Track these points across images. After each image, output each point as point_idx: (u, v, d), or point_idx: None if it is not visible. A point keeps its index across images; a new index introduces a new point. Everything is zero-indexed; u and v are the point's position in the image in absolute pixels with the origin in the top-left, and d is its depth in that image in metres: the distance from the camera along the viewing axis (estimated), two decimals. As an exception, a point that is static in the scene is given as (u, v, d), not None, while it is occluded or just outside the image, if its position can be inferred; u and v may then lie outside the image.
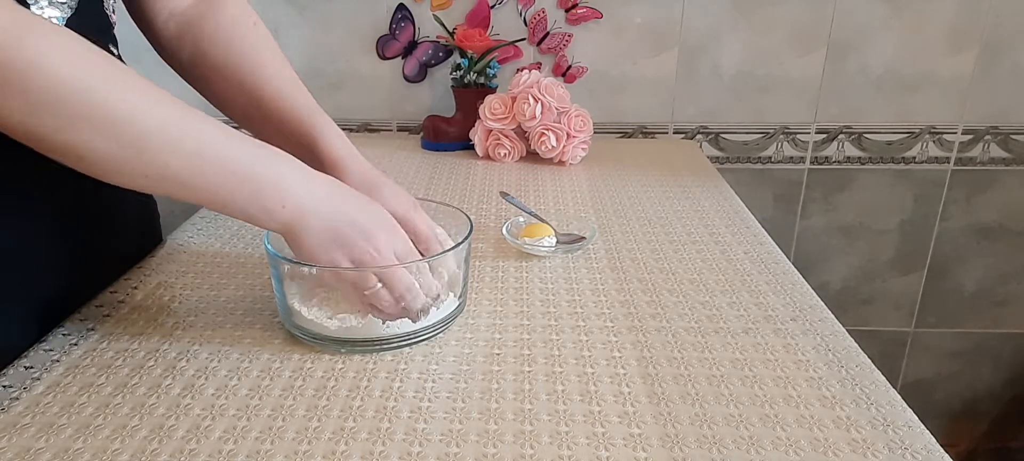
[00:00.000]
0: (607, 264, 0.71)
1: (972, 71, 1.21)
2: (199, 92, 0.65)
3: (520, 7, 1.19)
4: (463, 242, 0.57)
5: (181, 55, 0.64)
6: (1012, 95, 1.23)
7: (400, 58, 1.23)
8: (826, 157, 1.28)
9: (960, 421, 1.50)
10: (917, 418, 0.47)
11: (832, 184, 1.30)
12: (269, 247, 0.53)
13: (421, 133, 1.17)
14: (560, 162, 1.06)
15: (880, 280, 1.38)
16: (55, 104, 0.41)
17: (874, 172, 1.29)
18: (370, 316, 0.53)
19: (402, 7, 1.19)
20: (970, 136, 1.26)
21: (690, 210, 0.86)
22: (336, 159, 0.59)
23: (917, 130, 1.26)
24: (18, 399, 0.48)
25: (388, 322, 0.53)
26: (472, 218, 0.61)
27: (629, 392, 0.49)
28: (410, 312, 0.53)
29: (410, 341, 0.55)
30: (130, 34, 0.65)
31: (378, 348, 0.54)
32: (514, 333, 0.57)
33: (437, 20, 1.17)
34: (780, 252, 0.74)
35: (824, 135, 1.26)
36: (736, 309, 0.61)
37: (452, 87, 1.15)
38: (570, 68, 1.22)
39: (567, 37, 1.20)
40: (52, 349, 0.54)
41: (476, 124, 1.09)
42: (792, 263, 0.71)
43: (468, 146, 1.12)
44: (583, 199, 0.91)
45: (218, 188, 0.47)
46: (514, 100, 1.05)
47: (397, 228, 0.53)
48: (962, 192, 1.30)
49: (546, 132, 1.03)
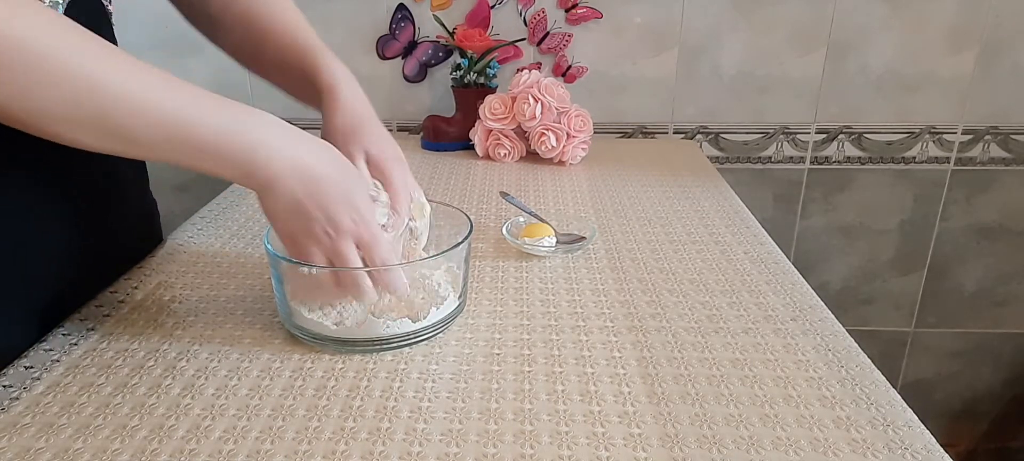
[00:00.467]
0: (607, 264, 0.71)
1: (972, 71, 1.21)
2: (213, 38, 0.67)
3: (520, 7, 1.19)
4: (463, 242, 0.57)
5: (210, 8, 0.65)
6: (1012, 95, 1.23)
7: (400, 58, 1.23)
8: (826, 157, 1.28)
9: (960, 421, 1.50)
10: (917, 418, 0.47)
11: (832, 184, 1.30)
12: (269, 247, 0.53)
13: (421, 133, 1.17)
14: (560, 162, 1.06)
15: (880, 280, 1.38)
16: (37, 72, 0.40)
17: (874, 172, 1.29)
18: (370, 316, 0.53)
19: (402, 7, 1.19)
20: (970, 136, 1.26)
21: (690, 210, 0.86)
22: (329, 86, 0.60)
23: (917, 130, 1.26)
24: (18, 399, 0.48)
25: (388, 322, 0.53)
26: (472, 218, 0.61)
27: (629, 392, 0.49)
28: (364, 294, 0.52)
29: (410, 341, 0.55)
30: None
31: (378, 348, 0.54)
32: (514, 333, 0.57)
33: (437, 20, 1.17)
34: (780, 252, 0.74)
35: (824, 135, 1.26)
36: (736, 309, 0.61)
37: (452, 87, 1.15)
38: (570, 68, 1.22)
39: (567, 37, 1.20)
40: (52, 349, 0.54)
41: (476, 124, 1.09)
42: (792, 263, 0.71)
43: (468, 146, 1.12)
44: (583, 199, 0.91)
45: (188, 159, 0.46)
46: (514, 100, 1.05)
47: (360, 200, 0.51)
48: (962, 192, 1.30)
49: (546, 132, 1.03)
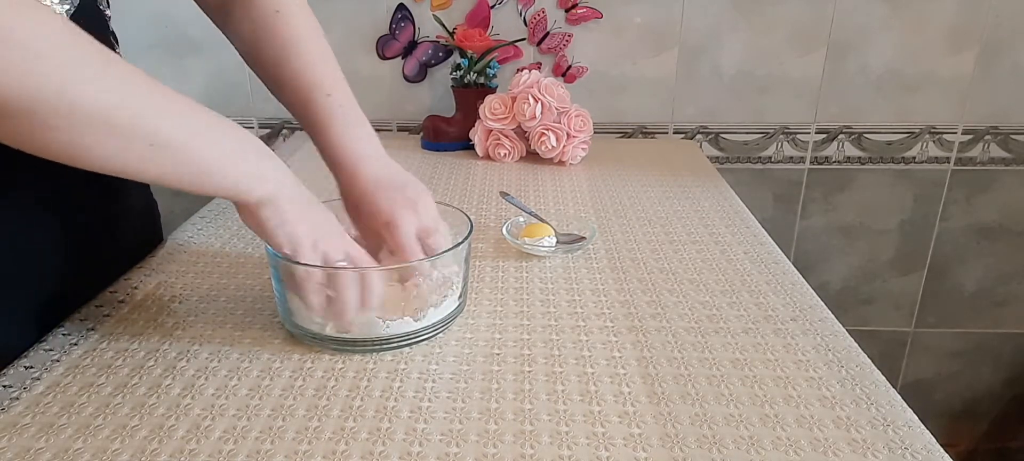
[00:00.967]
0: (607, 264, 0.71)
1: (972, 71, 1.21)
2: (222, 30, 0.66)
3: (520, 7, 1.19)
4: (463, 242, 0.57)
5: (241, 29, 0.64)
6: (1012, 95, 1.23)
7: (400, 58, 1.23)
8: (826, 157, 1.28)
9: (960, 421, 1.50)
10: (917, 418, 0.47)
11: (832, 184, 1.30)
12: (269, 247, 0.53)
13: (421, 133, 1.17)
14: (560, 162, 1.06)
15: (880, 280, 1.38)
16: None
17: (874, 172, 1.29)
18: (370, 316, 0.53)
19: (402, 7, 1.19)
20: (970, 136, 1.26)
21: (690, 210, 0.86)
22: (344, 164, 0.61)
23: (917, 130, 1.26)
24: (18, 399, 0.48)
25: (387, 322, 0.53)
26: (472, 218, 0.61)
27: (629, 392, 0.49)
28: (340, 317, 0.52)
29: (410, 341, 0.55)
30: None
31: (378, 348, 0.54)
32: (514, 333, 0.57)
33: (437, 20, 1.17)
34: (780, 252, 0.74)
35: (824, 135, 1.26)
36: (736, 309, 0.61)
37: (452, 87, 1.15)
38: (570, 68, 1.22)
39: (567, 37, 1.20)
40: (52, 349, 0.54)
41: (476, 124, 1.09)
42: (792, 263, 0.71)
43: (468, 146, 1.12)
44: (583, 199, 0.91)
45: (188, 182, 0.45)
46: (514, 100, 1.05)
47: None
48: (962, 192, 1.30)
49: (546, 132, 1.03)
